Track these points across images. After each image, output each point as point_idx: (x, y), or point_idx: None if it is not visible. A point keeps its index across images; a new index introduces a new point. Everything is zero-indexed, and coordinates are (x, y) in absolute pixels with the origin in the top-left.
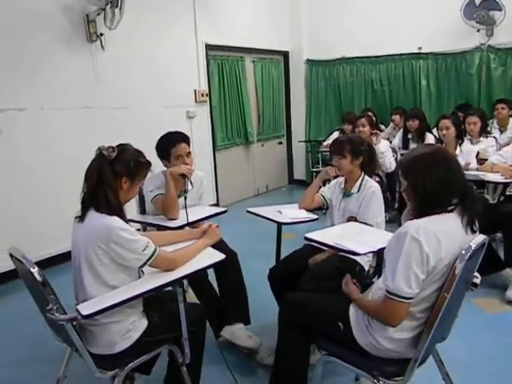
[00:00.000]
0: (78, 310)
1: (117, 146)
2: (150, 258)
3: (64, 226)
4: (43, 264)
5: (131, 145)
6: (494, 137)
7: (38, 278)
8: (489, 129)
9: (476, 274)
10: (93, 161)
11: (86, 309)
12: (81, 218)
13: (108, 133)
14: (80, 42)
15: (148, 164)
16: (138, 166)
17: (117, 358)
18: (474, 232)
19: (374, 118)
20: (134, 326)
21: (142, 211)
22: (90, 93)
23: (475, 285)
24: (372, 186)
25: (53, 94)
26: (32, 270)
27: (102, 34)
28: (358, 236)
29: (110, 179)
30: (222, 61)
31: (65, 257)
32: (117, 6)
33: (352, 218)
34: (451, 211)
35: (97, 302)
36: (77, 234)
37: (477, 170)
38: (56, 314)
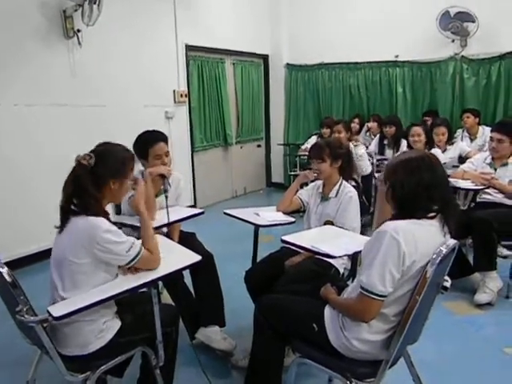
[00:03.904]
0: (48, 312)
1: (97, 146)
2: (134, 258)
3: (43, 223)
4: (22, 262)
5: (110, 142)
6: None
7: (8, 278)
8: (460, 137)
9: (446, 277)
10: (72, 170)
11: (57, 310)
12: (60, 228)
13: (85, 130)
14: (56, 37)
15: (132, 157)
16: (123, 164)
17: (89, 359)
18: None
19: (358, 126)
20: (107, 325)
21: (118, 211)
22: (67, 90)
23: (445, 288)
24: (350, 191)
25: (27, 90)
26: (1, 269)
27: (79, 31)
28: (334, 239)
29: (89, 187)
30: (202, 62)
31: (44, 255)
32: (95, 3)
33: (329, 222)
34: (432, 218)
35: (69, 303)
36: (59, 238)
37: (448, 176)
38: (26, 316)
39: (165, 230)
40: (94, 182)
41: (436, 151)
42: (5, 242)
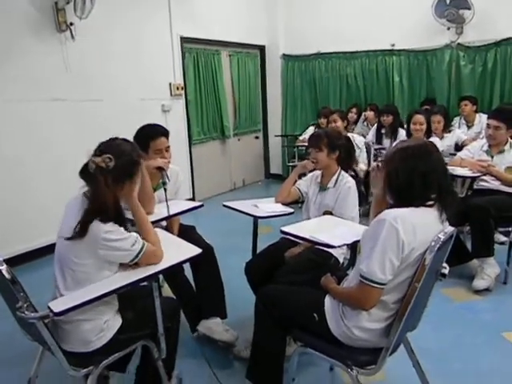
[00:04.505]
0: (49, 308)
1: (106, 143)
2: (139, 253)
3: (43, 217)
4: (25, 257)
5: (118, 139)
6: (463, 132)
7: (7, 275)
8: (457, 125)
9: (445, 264)
10: (95, 178)
11: (58, 306)
12: (81, 232)
13: (80, 125)
14: (48, 31)
15: (141, 155)
16: (135, 165)
17: (91, 355)
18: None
19: (355, 116)
20: (108, 325)
21: None
22: (60, 84)
23: (444, 275)
24: (348, 181)
25: (20, 85)
26: (0, 267)
27: (71, 24)
28: (333, 229)
29: (106, 190)
30: (198, 54)
31: (47, 250)
32: None
33: (327, 212)
34: (430, 206)
35: (69, 298)
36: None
37: (446, 164)
38: (26, 312)
39: (164, 223)
40: (108, 183)
41: (435, 140)
42: (7, 238)
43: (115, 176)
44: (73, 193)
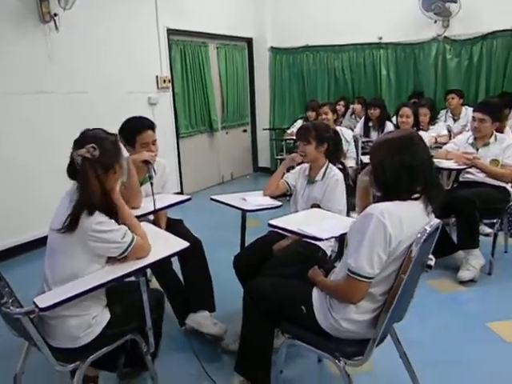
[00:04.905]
0: (35, 303)
1: (81, 136)
2: (129, 245)
3: (35, 211)
4: (13, 252)
5: (90, 129)
6: (449, 125)
7: None
8: (443, 118)
9: (430, 256)
10: (83, 170)
11: (43, 301)
12: (71, 226)
13: (69, 118)
14: (32, 22)
15: (117, 136)
16: (116, 146)
17: (78, 351)
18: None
19: (343, 109)
20: (97, 320)
21: None
22: (46, 76)
23: (430, 267)
24: (336, 174)
25: (5, 77)
26: None
27: (55, 15)
28: (321, 222)
29: (106, 179)
30: (185, 46)
31: (35, 244)
32: None
33: (315, 205)
34: (416, 199)
35: (55, 293)
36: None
37: (432, 157)
38: (11, 308)
39: (151, 217)
40: (98, 173)
41: (422, 133)
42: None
43: (103, 163)
44: (66, 186)
